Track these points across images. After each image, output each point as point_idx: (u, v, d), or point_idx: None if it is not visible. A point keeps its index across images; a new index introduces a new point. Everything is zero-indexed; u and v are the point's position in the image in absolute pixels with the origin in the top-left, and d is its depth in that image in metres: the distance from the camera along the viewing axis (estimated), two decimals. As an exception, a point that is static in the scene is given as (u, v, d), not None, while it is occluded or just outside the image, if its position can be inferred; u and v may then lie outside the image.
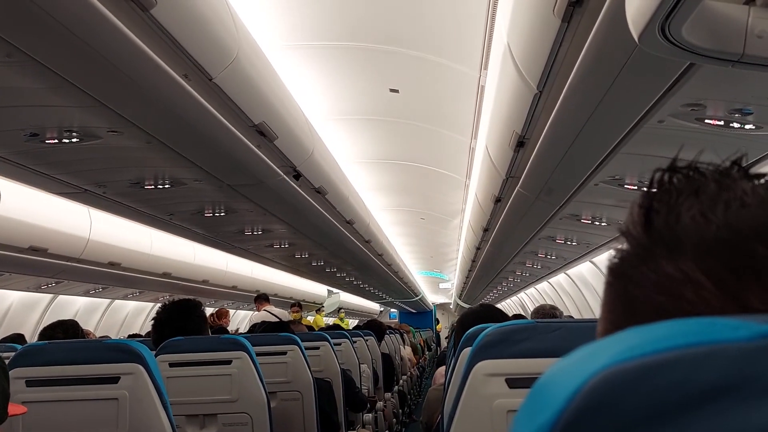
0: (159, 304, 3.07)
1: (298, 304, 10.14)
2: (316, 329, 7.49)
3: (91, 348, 2.21)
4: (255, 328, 5.37)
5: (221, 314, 7.86)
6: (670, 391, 0.31)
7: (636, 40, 1.86)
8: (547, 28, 2.56)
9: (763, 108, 2.65)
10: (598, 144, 3.42)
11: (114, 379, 2.12)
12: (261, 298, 8.11)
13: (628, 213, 0.51)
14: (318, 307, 17.40)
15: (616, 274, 0.50)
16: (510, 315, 4.98)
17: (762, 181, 0.47)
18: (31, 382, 2.13)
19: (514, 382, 1.58)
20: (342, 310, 19.50)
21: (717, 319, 0.34)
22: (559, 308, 4.09)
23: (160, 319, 2.95)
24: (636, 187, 4.19)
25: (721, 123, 2.80)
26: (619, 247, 0.51)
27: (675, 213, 0.47)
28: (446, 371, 3.17)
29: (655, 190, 0.50)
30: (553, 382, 0.35)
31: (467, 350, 1.83)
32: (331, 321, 17.37)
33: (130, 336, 6.91)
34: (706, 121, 2.82)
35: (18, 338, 5.15)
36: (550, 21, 2.49)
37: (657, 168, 0.50)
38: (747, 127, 2.79)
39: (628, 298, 0.47)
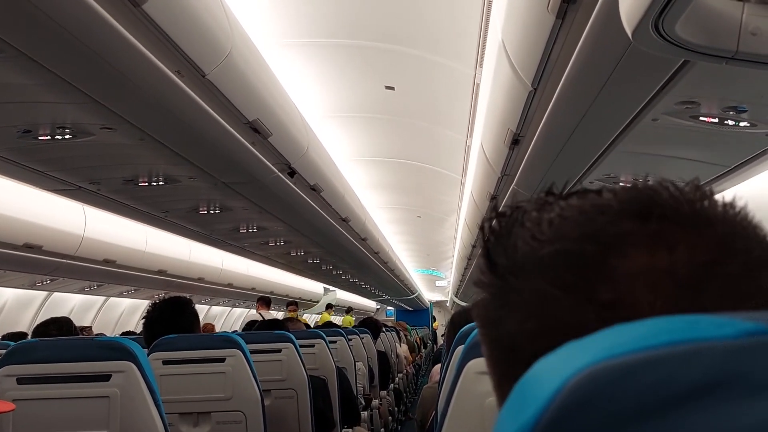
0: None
1: (294, 303, 9.94)
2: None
3: (82, 346, 2.21)
4: (250, 325, 5.37)
5: (206, 329, 7.87)
6: (654, 389, 0.30)
7: (630, 36, 1.86)
8: (542, 25, 2.56)
9: (758, 106, 2.65)
10: (593, 142, 3.42)
11: (105, 377, 2.11)
12: (262, 301, 8.30)
13: (475, 269, 0.55)
14: (327, 304, 17.21)
15: (483, 323, 0.52)
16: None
17: (571, 196, 0.51)
18: (21, 380, 2.12)
19: (506, 380, 1.57)
20: (333, 308, 19.11)
21: (701, 317, 0.33)
22: None
23: (151, 317, 2.94)
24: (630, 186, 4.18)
25: (716, 121, 2.80)
26: (477, 298, 0.54)
27: (512, 245, 0.49)
28: (441, 370, 3.17)
29: (490, 236, 0.53)
30: (535, 380, 0.34)
31: (460, 348, 1.83)
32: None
33: (123, 333, 6.91)
34: (701, 118, 2.82)
35: (19, 336, 5.17)
36: (545, 18, 2.49)
37: (481, 220, 0.54)
38: (741, 124, 2.79)
39: (502, 339, 0.50)
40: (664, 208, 0.47)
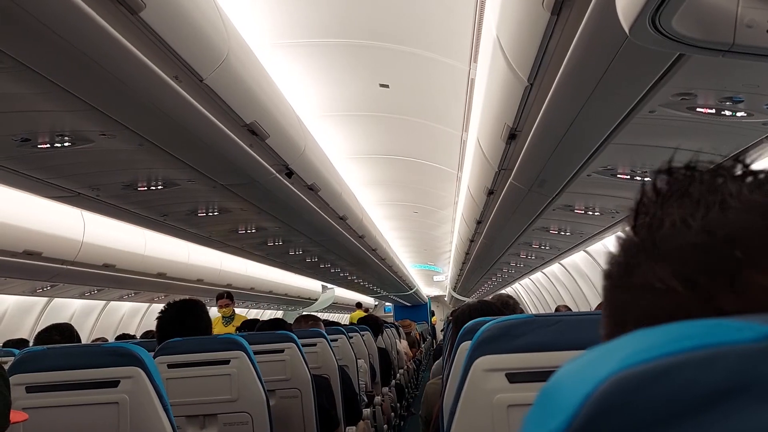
0: (155, 305, 3.07)
1: (226, 295, 7.52)
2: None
3: (90, 352, 2.21)
4: (248, 326, 5.38)
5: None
6: (677, 394, 0.31)
7: (626, 32, 1.87)
8: (537, 21, 2.56)
9: (754, 96, 2.66)
10: (590, 135, 3.43)
11: (114, 383, 2.12)
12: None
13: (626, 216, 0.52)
14: (357, 303, 16.76)
15: (610, 281, 0.51)
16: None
17: (750, 179, 0.47)
18: (31, 388, 2.13)
19: (514, 377, 1.59)
20: (362, 306, 17.55)
21: (722, 321, 0.34)
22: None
23: (163, 320, 2.94)
24: (628, 177, 4.20)
25: (713, 111, 2.81)
26: (613, 252, 0.52)
27: (658, 219, 0.47)
28: (443, 366, 3.18)
29: (649, 192, 0.50)
30: (563, 387, 0.35)
31: (466, 344, 1.84)
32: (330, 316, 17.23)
33: (118, 337, 6.89)
34: (698, 110, 2.83)
35: (20, 343, 5.17)
36: (540, 14, 2.50)
37: (657, 169, 0.50)
38: (738, 114, 2.81)
39: (620, 305, 0.49)
40: None
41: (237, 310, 17.07)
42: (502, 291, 18.91)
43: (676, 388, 0.32)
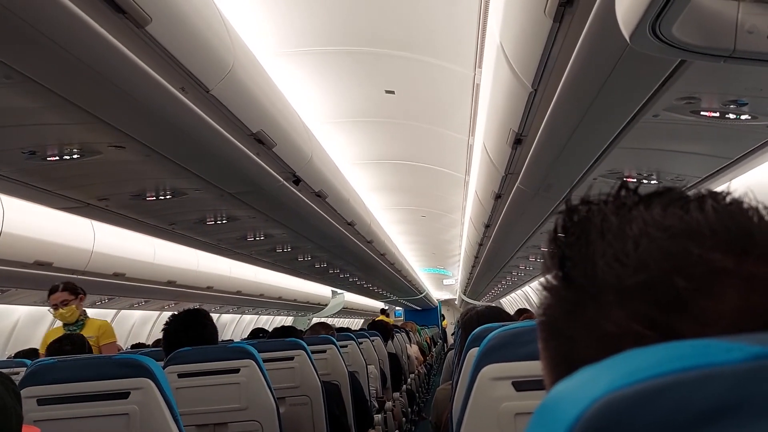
0: (166, 313, 3.09)
1: (63, 286, 4.97)
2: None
3: (100, 364, 2.23)
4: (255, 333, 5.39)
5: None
6: (669, 415, 0.32)
7: (627, 39, 1.88)
8: (539, 28, 2.57)
9: (758, 99, 2.66)
10: (595, 140, 3.43)
11: (124, 395, 2.14)
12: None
13: (543, 262, 0.51)
14: (381, 309, 16.56)
15: (549, 334, 0.50)
16: (513, 312, 4.95)
17: (655, 203, 0.47)
18: (42, 401, 2.15)
19: (521, 385, 1.59)
20: (386, 312, 17.41)
21: (711, 342, 0.35)
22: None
23: (170, 330, 2.96)
24: (634, 180, 4.20)
25: (717, 115, 2.81)
26: (544, 301, 0.51)
27: (590, 261, 0.46)
28: (453, 371, 3.19)
29: (561, 235, 0.49)
30: (557, 405, 0.36)
31: (474, 351, 1.84)
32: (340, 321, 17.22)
33: (134, 346, 6.92)
34: (702, 113, 2.83)
35: (31, 353, 5.20)
36: (542, 21, 2.51)
37: (558, 211, 0.49)
38: (742, 118, 2.81)
39: (571, 359, 0.47)
40: (763, 247, 0.44)
41: (247, 317, 17.05)
42: (512, 294, 18.87)
43: (668, 408, 0.32)
